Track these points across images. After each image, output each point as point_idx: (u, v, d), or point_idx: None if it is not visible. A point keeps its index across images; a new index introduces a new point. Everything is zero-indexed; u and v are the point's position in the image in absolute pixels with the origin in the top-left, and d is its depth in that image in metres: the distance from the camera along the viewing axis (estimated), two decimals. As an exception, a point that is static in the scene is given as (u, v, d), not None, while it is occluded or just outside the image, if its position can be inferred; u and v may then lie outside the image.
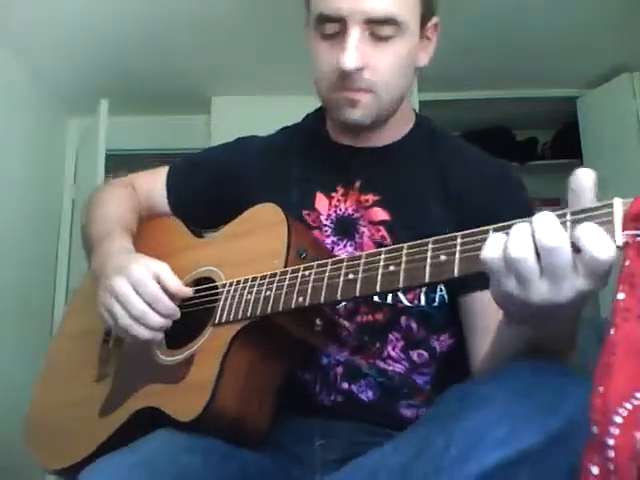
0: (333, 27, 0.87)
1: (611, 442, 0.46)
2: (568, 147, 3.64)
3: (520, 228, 0.55)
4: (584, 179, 0.54)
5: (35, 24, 2.59)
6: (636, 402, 0.46)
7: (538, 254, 0.53)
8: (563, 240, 0.52)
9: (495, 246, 0.55)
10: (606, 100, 3.22)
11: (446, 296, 0.90)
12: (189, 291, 0.88)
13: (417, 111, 1.06)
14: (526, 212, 0.89)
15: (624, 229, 0.50)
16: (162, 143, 3.45)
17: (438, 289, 0.90)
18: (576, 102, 3.41)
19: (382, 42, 0.87)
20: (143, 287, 0.83)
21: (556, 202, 3.79)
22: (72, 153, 3.52)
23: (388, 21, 0.85)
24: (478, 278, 0.59)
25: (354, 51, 0.85)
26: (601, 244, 0.50)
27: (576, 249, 0.52)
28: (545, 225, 0.53)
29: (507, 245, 0.54)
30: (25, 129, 3.03)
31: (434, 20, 0.96)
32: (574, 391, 0.57)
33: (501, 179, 0.95)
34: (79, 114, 3.44)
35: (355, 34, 0.85)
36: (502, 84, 3.31)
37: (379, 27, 0.86)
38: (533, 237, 0.53)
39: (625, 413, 0.46)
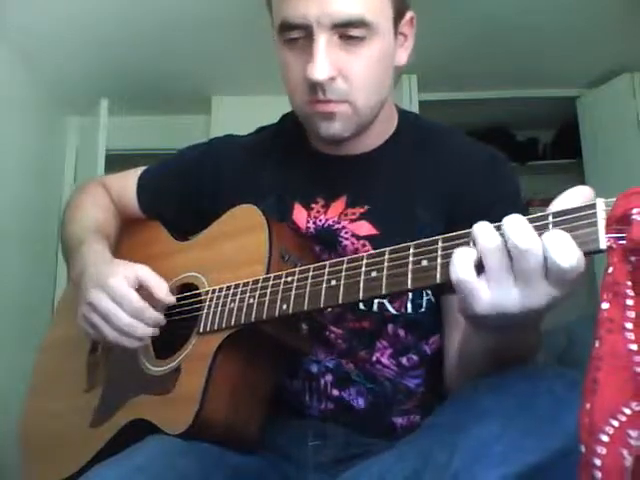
0: (298, 34, 0.81)
1: (598, 462, 0.44)
2: (568, 147, 3.64)
3: (487, 225, 0.54)
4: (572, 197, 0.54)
5: (35, 24, 2.59)
6: (623, 418, 0.45)
7: (510, 258, 0.53)
8: (535, 242, 0.51)
9: (464, 259, 0.54)
10: (606, 100, 3.21)
11: (433, 299, 0.88)
12: (173, 299, 0.86)
13: (417, 111, 1.03)
14: (516, 204, 0.89)
15: (607, 232, 0.49)
16: (162, 143, 3.44)
17: (425, 293, 0.87)
18: (576, 102, 3.41)
19: (353, 46, 0.80)
20: (127, 302, 0.82)
21: (556, 202, 3.79)
22: (72, 153, 3.52)
23: (357, 23, 0.79)
24: None
25: (324, 60, 0.79)
26: (563, 252, 0.50)
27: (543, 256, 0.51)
28: (517, 228, 0.52)
29: (476, 239, 0.54)
30: (25, 129, 3.03)
31: (408, 15, 0.88)
32: (574, 402, 0.56)
33: (490, 172, 0.90)
34: (79, 114, 3.43)
35: (323, 41, 0.79)
36: (502, 84, 3.31)
37: (348, 31, 0.79)
38: (504, 237, 0.53)
39: (611, 431, 0.44)
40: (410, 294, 0.87)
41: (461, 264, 0.54)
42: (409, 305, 0.87)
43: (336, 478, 0.75)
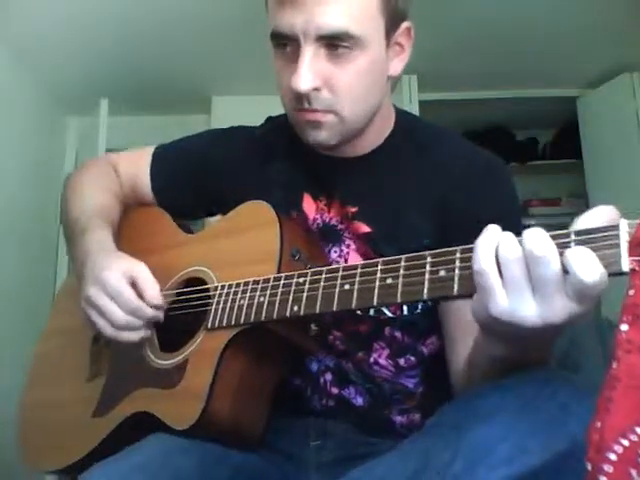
0: (287, 42, 0.82)
1: None
2: (568, 147, 3.64)
3: (509, 235, 0.54)
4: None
5: (35, 24, 2.58)
6: (635, 438, 0.44)
7: (528, 267, 0.53)
8: (551, 250, 0.51)
9: (488, 249, 0.54)
10: (606, 100, 3.21)
11: (429, 301, 0.87)
12: (161, 301, 0.85)
13: (417, 111, 1.03)
14: (511, 210, 0.89)
15: (630, 254, 0.48)
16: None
17: None
18: (576, 102, 3.41)
19: (339, 58, 0.81)
20: (120, 297, 0.82)
21: (556, 202, 3.79)
22: (72, 153, 3.52)
23: (342, 36, 0.79)
24: None
25: (307, 71, 0.80)
26: (587, 267, 0.49)
27: (565, 271, 0.51)
28: (535, 236, 0.52)
29: (497, 249, 0.54)
30: (25, 129, 3.03)
31: (404, 26, 0.87)
32: (577, 409, 0.57)
33: (485, 175, 0.89)
34: (79, 114, 3.43)
35: (308, 53, 0.80)
36: (502, 84, 3.31)
37: (334, 43, 0.79)
38: (523, 246, 0.53)
39: (620, 450, 0.44)
40: None
41: (484, 253, 0.54)
42: (405, 307, 0.87)
43: (338, 478, 0.75)
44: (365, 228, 0.89)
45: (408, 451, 0.66)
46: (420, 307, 0.87)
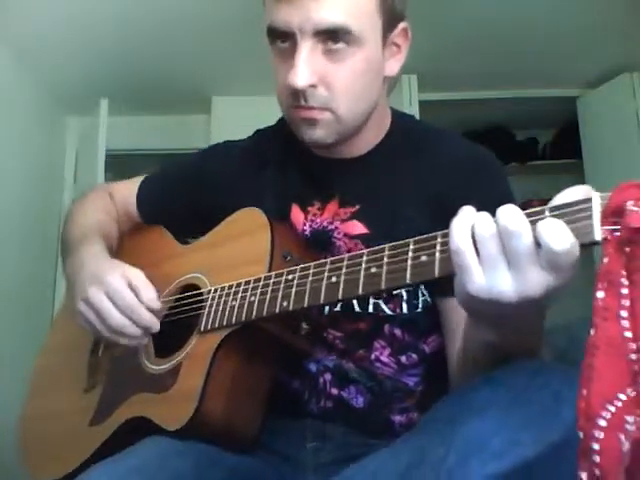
0: (283, 39, 0.81)
1: (596, 447, 0.45)
2: (568, 147, 3.64)
3: (484, 214, 0.56)
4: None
5: (35, 24, 2.59)
6: (619, 404, 0.45)
7: (503, 243, 0.54)
8: (524, 224, 0.53)
9: (463, 229, 0.55)
10: (606, 100, 3.21)
11: (429, 299, 0.88)
12: (159, 305, 0.86)
13: (417, 111, 1.03)
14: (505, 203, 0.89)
15: (603, 224, 0.50)
16: (162, 143, 3.45)
17: (420, 294, 0.88)
18: (576, 102, 3.41)
19: (336, 55, 0.80)
20: (120, 299, 0.83)
21: (556, 202, 3.79)
22: (72, 153, 3.52)
23: (340, 32, 0.78)
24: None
25: (304, 68, 0.79)
26: (556, 236, 0.51)
27: (537, 244, 0.52)
28: (508, 212, 0.53)
29: (473, 227, 0.55)
30: (25, 129, 3.03)
31: (401, 26, 0.87)
32: (571, 397, 0.56)
33: (479, 172, 0.90)
34: (79, 114, 3.43)
35: (305, 49, 0.79)
36: (502, 84, 3.31)
37: (331, 39, 0.79)
38: (497, 223, 0.54)
39: (609, 416, 0.45)
40: (405, 295, 0.87)
41: (459, 232, 0.55)
42: (404, 305, 0.87)
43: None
44: (361, 229, 0.89)
45: (401, 447, 0.67)
46: (421, 306, 0.88)
